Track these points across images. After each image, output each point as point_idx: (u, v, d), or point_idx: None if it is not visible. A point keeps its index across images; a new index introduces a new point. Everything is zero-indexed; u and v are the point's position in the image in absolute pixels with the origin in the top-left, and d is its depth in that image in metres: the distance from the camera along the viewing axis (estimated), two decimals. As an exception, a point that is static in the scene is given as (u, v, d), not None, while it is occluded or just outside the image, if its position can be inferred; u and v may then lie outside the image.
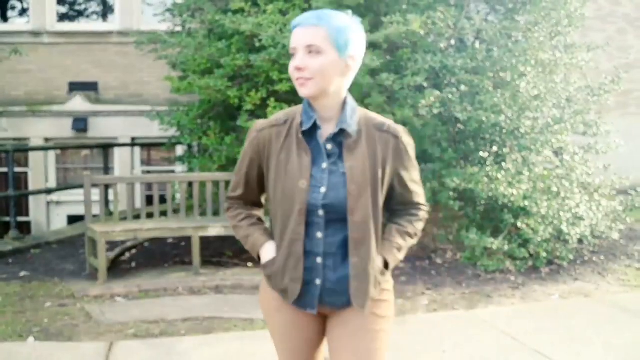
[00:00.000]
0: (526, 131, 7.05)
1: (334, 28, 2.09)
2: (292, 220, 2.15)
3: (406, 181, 2.27)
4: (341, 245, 2.17)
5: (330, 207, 2.14)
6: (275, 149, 2.19)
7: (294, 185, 2.14)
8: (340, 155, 2.16)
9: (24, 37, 10.48)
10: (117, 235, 6.52)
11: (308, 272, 2.19)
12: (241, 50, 7.03)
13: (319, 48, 2.09)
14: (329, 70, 2.10)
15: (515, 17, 7.25)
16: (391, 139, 2.23)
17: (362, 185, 2.13)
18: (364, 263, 2.16)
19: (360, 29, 2.16)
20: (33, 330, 4.98)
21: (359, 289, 2.16)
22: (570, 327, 5.05)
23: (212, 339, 4.80)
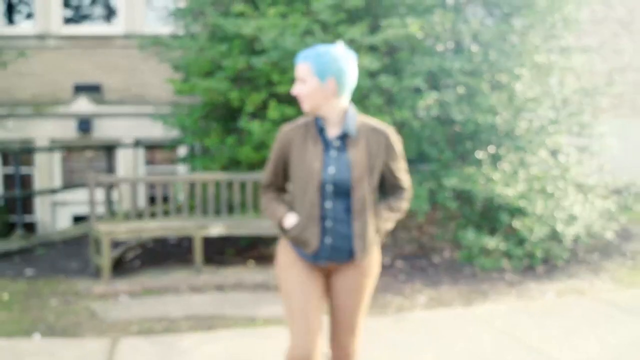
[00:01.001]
0: (522, 132, 7.11)
1: (315, 63, 2.81)
2: (310, 191, 2.85)
3: (394, 170, 2.98)
4: (344, 213, 2.88)
5: (337, 183, 2.86)
6: (297, 144, 2.91)
7: (311, 166, 2.85)
8: (344, 148, 2.88)
9: (30, 41, 10.55)
10: (121, 235, 6.56)
11: (322, 232, 2.88)
12: (242, 53, 7.06)
13: (304, 79, 2.84)
14: (314, 93, 2.84)
15: (511, 21, 7.30)
16: (382, 138, 2.92)
17: (362, 171, 2.86)
18: (364, 227, 2.88)
19: (343, 55, 2.85)
20: (39, 327, 5.05)
21: (360, 245, 2.89)
22: (566, 324, 5.11)
23: (214, 336, 4.85)
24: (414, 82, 6.45)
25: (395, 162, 2.97)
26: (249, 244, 7.62)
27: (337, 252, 2.90)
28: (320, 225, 2.88)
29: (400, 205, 3.05)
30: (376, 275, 3.05)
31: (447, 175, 6.82)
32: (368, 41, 6.50)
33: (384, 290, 6.11)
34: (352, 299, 2.99)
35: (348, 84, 2.87)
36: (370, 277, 3.02)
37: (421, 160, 7.71)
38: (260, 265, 6.91)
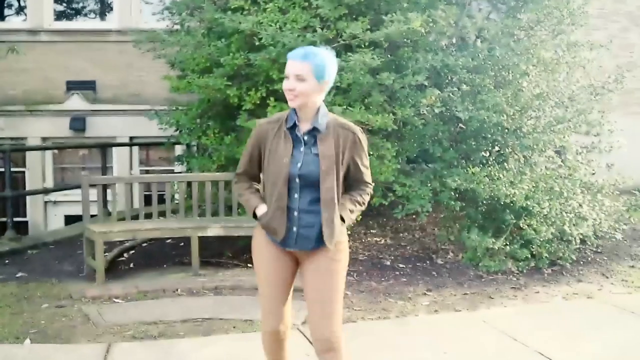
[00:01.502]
0: (528, 130, 7.02)
1: (316, 64, 3.03)
2: (279, 184, 3.09)
3: (359, 165, 3.20)
4: (310, 204, 3.12)
5: (304, 177, 3.09)
6: (270, 138, 3.14)
7: (280, 161, 3.08)
8: (314, 143, 3.11)
9: (21, 36, 10.42)
10: (115, 236, 6.48)
11: (289, 221, 3.13)
12: (240, 49, 6.97)
13: (303, 77, 3.02)
14: (310, 92, 3.05)
15: (517, 15, 7.21)
16: (350, 135, 3.15)
17: (330, 164, 3.08)
18: (331, 215, 3.12)
19: (333, 59, 3.14)
20: (30, 332, 4.93)
21: (328, 233, 3.13)
22: (573, 329, 5.01)
23: (212, 340, 4.77)
24: (417, 79, 6.38)
25: (361, 158, 3.20)
26: (247, 245, 7.48)
27: (304, 240, 3.15)
28: (287, 216, 3.12)
29: (363, 198, 3.28)
30: (345, 262, 3.32)
31: (450, 174, 6.73)
32: (369, 37, 6.39)
33: (386, 293, 6.01)
34: (323, 283, 3.19)
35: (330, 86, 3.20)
36: (339, 263, 3.26)
37: (424, 160, 7.62)
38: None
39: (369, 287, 6.16)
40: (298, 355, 4.42)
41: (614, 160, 7.61)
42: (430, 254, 7.25)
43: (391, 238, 7.83)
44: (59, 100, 10.66)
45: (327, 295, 3.19)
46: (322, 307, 3.19)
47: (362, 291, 6.06)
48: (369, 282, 6.34)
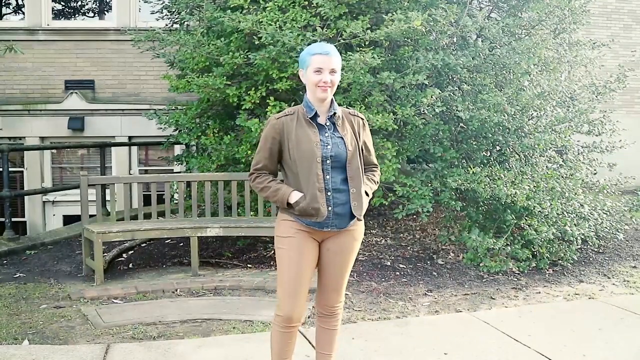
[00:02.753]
0: (529, 130, 6.98)
1: (339, 57, 3.40)
2: (314, 167, 3.31)
3: (369, 147, 3.57)
4: (341, 183, 3.37)
5: (335, 158, 3.35)
6: (293, 128, 3.36)
7: (311, 146, 3.32)
8: (334, 129, 3.40)
9: (19, 34, 10.38)
10: (114, 236, 6.43)
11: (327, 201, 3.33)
12: (240, 48, 6.95)
13: (336, 70, 3.35)
14: (336, 82, 3.39)
15: (519, 14, 7.19)
16: (359, 120, 3.52)
17: (354, 146, 3.40)
18: (358, 190, 3.39)
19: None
20: (28, 333, 4.90)
21: (357, 205, 3.38)
22: (575, 330, 4.97)
23: (211, 341, 4.73)
24: (417, 78, 6.34)
25: (368, 141, 3.56)
26: (246, 246, 7.48)
27: (339, 219, 3.37)
28: (326, 196, 3.33)
29: (376, 177, 3.60)
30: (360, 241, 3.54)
31: (451, 174, 6.70)
32: (370, 36, 6.36)
33: (387, 293, 5.98)
34: (342, 261, 3.46)
35: None
36: (359, 241, 3.51)
37: (424, 159, 7.59)
38: (258, 267, 6.79)
39: (369, 288, 6.13)
40: (298, 355, 4.39)
41: (617, 160, 7.59)
42: (430, 254, 7.21)
43: (392, 238, 7.79)
44: (57, 100, 10.62)
45: (342, 271, 3.50)
46: (337, 281, 3.51)
47: (363, 292, 6.02)
48: (370, 282, 6.31)
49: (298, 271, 3.35)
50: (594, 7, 7.67)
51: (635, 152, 8.26)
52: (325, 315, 3.58)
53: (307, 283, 3.40)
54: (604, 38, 8.06)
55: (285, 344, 3.47)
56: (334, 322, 3.60)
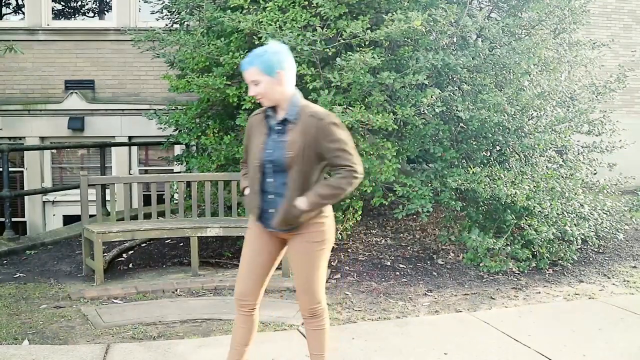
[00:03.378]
0: (529, 130, 6.98)
1: (261, 63, 3.28)
2: (255, 169, 3.42)
3: (328, 149, 3.31)
4: (282, 188, 3.37)
5: (274, 162, 3.35)
6: (254, 129, 3.50)
7: (255, 149, 3.41)
8: (284, 133, 3.34)
9: (19, 34, 10.38)
10: (114, 236, 6.42)
11: (266, 203, 3.43)
12: (240, 48, 6.95)
13: (256, 81, 3.31)
14: (268, 89, 3.32)
15: (519, 14, 7.18)
16: (315, 121, 3.30)
17: (296, 151, 3.29)
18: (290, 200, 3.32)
19: (280, 50, 3.34)
20: (28, 333, 4.89)
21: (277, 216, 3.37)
22: (575, 330, 4.96)
23: (211, 341, 4.72)
24: (417, 78, 6.32)
25: (328, 143, 3.30)
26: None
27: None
28: (262, 198, 3.42)
29: (338, 182, 3.33)
30: (323, 243, 3.46)
31: (451, 174, 6.69)
32: (370, 36, 6.36)
33: (387, 293, 5.97)
34: (300, 263, 3.47)
35: (292, 72, 3.38)
36: (314, 244, 3.43)
37: (424, 159, 7.58)
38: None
39: (369, 288, 6.13)
40: (298, 355, 4.39)
41: (617, 160, 7.59)
42: (430, 254, 7.21)
43: (392, 238, 7.79)
44: (57, 100, 10.62)
45: (304, 274, 3.48)
46: (302, 284, 3.51)
47: (363, 292, 6.02)
48: (370, 282, 6.31)
49: (245, 258, 3.57)
50: (594, 7, 7.66)
51: (635, 152, 8.25)
52: (306, 317, 3.60)
53: (254, 270, 3.54)
54: (604, 38, 8.06)
55: (236, 328, 3.67)
56: (317, 322, 3.59)
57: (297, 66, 6.48)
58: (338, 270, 6.66)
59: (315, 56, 6.54)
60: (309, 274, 3.48)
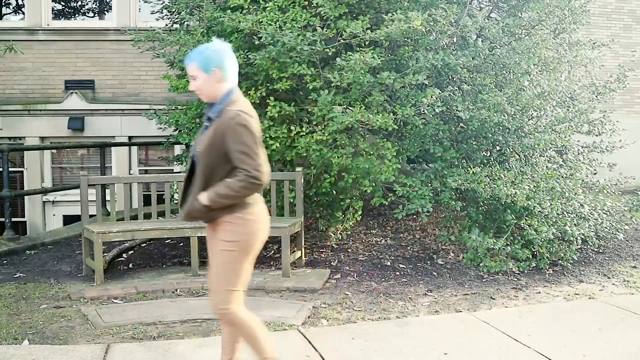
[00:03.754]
0: (529, 130, 6.98)
1: (199, 60, 3.38)
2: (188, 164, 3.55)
3: (232, 150, 3.31)
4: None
5: (193, 157, 3.47)
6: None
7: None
8: (207, 129, 3.40)
9: (18, 34, 10.37)
10: (114, 236, 6.42)
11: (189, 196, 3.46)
12: (240, 48, 6.93)
13: (194, 76, 3.42)
14: (203, 85, 3.42)
15: (519, 14, 7.18)
16: (225, 121, 3.31)
17: (204, 148, 3.35)
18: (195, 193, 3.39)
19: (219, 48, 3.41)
20: (28, 333, 4.89)
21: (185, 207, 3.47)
22: (575, 330, 4.96)
23: (211, 341, 4.70)
24: (417, 78, 6.32)
25: (232, 144, 3.29)
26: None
27: None
28: (185, 192, 3.50)
29: (233, 184, 3.31)
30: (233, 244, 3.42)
31: (451, 174, 6.68)
32: (370, 36, 6.36)
33: (387, 293, 5.97)
34: (213, 261, 3.52)
35: (229, 70, 3.42)
36: (224, 243, 3.42)
37: (424, 159, 7.58)
38: (258, 267, 6.77)
39: (369, 288, 6.13)
40: (298, 355, 4.39)
41: (617, 160, 7.59)
42: (430, 254, 7.21)
43: (392, 238, 7.79)
44: (57, 100, 10.62)
45: (212, 271, 3.50)
46: (210, 281, 3.53)
47: (363, 292, 6.02)
48: (370, 282, 6.31)
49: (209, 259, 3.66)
50: (594, 7, 7.66)
51: (635, 152, 8.25)
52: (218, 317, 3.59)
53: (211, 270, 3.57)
54: (604, 38, 8.06)
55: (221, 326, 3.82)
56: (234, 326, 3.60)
57: (297, 66, 6.52)
58: (338, 270, 6.66)
59: (315, 56, 6.54)
60: (215, 272, 3.47)
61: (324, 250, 7.32)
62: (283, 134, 6.74)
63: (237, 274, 3.47)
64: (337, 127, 6.27)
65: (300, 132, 6.73)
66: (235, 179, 3.31)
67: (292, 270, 6.52)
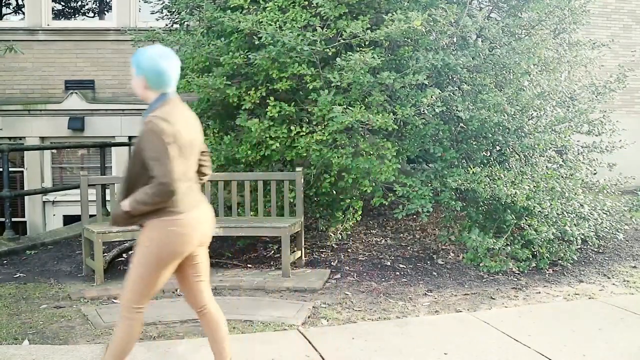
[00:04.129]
0: (529, 130, 6.97)
1: (133, 61, 3.38)
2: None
3: (146, 157, 3.29)
4: None
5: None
6: None
7: None
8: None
9: (19, 35, 10.38)
10: (114, 236, 6.43)
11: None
12: (240, 48, 6.94)
13: (132, 76, 3.40)
14: (135, 86, 3.44)
15: (518, 14, 7.17)
16: (142, 127, 3.32)
17: (130, 155, 3.41)
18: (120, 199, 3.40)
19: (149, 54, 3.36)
20: (28, 333, 4.89)
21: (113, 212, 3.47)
22: (574, 330, 4.96)
23: (211, 342, 4.71)
24: (417, 78, 6.32)
25: (145, 150, 3.29)
26: (246, 245, 7.47)
27: None
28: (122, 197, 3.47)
29: (147, 191, 3.27)
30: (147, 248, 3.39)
31: (451, 174, 6.68)
32: (370, 36, 6.36)
33: (387, 293, 5.97)
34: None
35: (156, 79, 3.36)
36: (140, 246, 3.43)
37: (424, 159, 7.58)
38: (258, 267, 6.77)
39: (369, 288, 6.13)
40: (298, 355, 4.39)
41: (617, 160, 7.58)
42: (430, 254, 7.21)
43: (392, 238, 7.79)
44: (57, 100, 10.62)
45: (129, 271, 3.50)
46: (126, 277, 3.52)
47: (363, 292, 6.02)
48: (370, 282, 6.31)
49: None
50: (594, 7, 7.64)
51: (635, 152, 8.25)
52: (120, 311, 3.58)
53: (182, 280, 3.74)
54: (604, 38, 8.06)
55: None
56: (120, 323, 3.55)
57: (297, 66, 6.52)
58: (338, 270, 6.66)
59: (315, 56, 6.54)
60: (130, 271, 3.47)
61: (324, 250, 7.32)
62: (283, 134, 6.74)
63: (147, 281, 3.45)
64: (337, 127, 6.27)
65: (300, 132, 6.73)
66: (149, 186, 3.28)
67: (292, 270, 6.52)
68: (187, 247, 3.45)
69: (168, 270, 3.49)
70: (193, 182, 3.55)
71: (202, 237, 3.55)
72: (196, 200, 3.51)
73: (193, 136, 3.46)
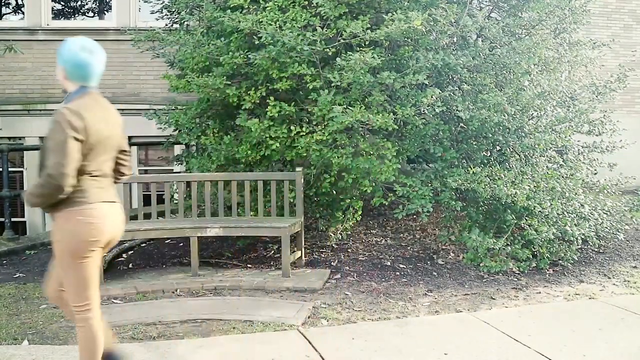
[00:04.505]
0: (529, 130, 6.97)
1: (58, 52, 3.41)
2: None
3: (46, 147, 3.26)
4: None
5: None
6: None
7: None
8: None
9: (18, 34, 10.37)
10: (114, 236, 6.39)
11: None
12: (240, 48, 6.93)
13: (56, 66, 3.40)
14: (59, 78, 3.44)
15: (519, 14, 7.17)
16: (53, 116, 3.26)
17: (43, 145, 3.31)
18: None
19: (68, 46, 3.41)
20: (28, 333, 4.89)
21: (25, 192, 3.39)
22: (575, 330, 4.96)
23: (211, 341, 4.71)
24: (417, 78, 6.31)
25: (47, 140, 3.27)
26: (246, 245, 7.47)
27: None
28: None
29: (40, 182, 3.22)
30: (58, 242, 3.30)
31: (451, 174, 6.67)
32: (370, 36, 6.35)
33: (387, 293, 5.96)
34: None
35: (74, 71, 3.38)
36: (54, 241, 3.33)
37: (425, 159, 7.58)
38: (258, 267, 6.77)
39: (369, 288, 6.12)
40: (298, 355, 4.39)
41: (617, 160, 7.58)
42: (431, 254, 7.20)
43: (392, 238, 7.79)
44: (57, 100, 10.57)
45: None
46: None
47: (363, 292, 6.01)
48: (370, 282, 6.30)
49: None
50: (594, 7, 7.64)
51: (635, 152, 8.24)
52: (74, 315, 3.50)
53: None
54: (604, 38, 8.06)
55: None
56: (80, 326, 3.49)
57: (297, 66, 6.52)
58: (338, 270, 6.65)
59: (315, 56, 6.54)
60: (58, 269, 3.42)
61: (324, 250, 7.31)
62: (283, 134, 6.73)
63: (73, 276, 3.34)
64: (337, 127, 6.27)
65: (300, 132, 6.72)
66: (41, 178, 3.24)
67: (292, 270, 6.52)
68: (100, 236, 3.35)
69: (90, 261, 3.35)
70: (108, 179, 3.50)
71: (113, 230, 3.45)
72: (109, 197, 3.44)
73: (110, 133, 3.42)
